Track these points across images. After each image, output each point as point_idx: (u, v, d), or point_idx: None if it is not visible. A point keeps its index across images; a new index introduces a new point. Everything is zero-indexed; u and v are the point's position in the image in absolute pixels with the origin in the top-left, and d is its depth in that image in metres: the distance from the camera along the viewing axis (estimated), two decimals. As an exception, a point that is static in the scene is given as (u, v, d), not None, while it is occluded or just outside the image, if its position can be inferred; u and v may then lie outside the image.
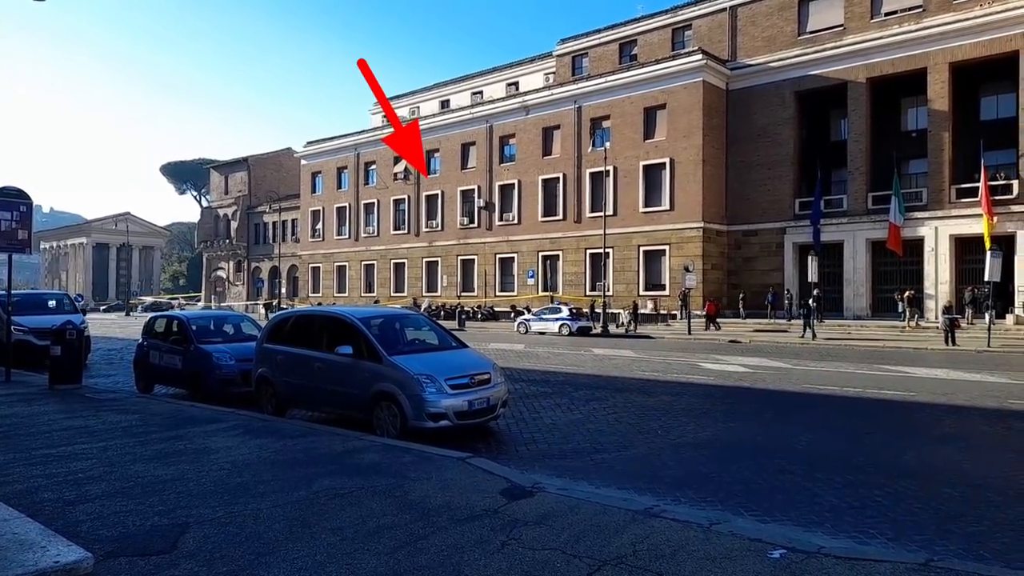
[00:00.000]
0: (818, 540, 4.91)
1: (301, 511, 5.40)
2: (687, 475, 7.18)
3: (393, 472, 6.60)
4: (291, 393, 10.12)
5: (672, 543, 4.67)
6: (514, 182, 42.87)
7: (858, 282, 32.86)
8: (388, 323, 9.92)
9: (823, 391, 13.04)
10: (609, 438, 8.95)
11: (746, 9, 36.78)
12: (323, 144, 55.74)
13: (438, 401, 8.38)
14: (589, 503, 5.60)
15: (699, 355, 20.62)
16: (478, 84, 54.75)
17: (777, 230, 35.39)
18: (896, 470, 7.24)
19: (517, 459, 7.90)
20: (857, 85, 32.94)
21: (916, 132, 33.13)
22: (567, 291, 39.63)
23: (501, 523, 5.12)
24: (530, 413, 10.78)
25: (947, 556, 4.74)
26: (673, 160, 35.81)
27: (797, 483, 6.81)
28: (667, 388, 13.56)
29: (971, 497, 6.27)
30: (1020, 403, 11.32)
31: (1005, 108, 30.91)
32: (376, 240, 51.67)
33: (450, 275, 46.45)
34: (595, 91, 38.93)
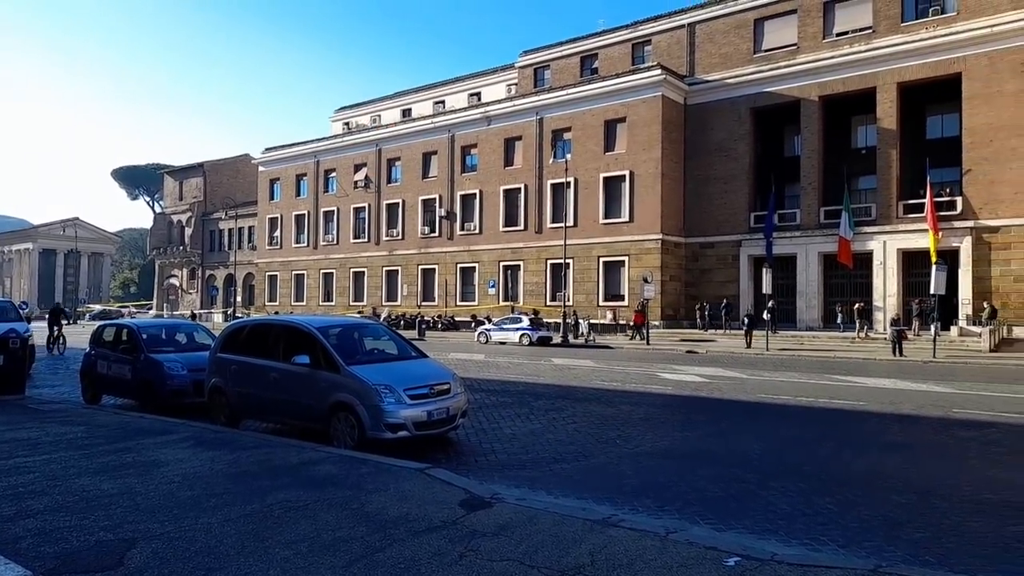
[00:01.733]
0: (772, 547, 4.99)
1: (254, 525, 5.28)
2: (645, 484, 7.23)
3: (350, 484, 6.50)
4: (245, 404, 9.91)
5: (629, 552, 4.70)
6: (476, 192, 42.90)
7: (810, 294, 33.69)
8: (346, 332, 9.80)
9: (777, 401, 13.30)
10: (568, 448, 8.97)
11: (704, 26, 37.59)
12: (282, 151, 55.01)
13: (397, 411, 8.29)
14: (548, 513, 5.60)
15: (657, 365, 20.86)
16: (440, 93, 54.75)
17: (733, 243, 36.11)
18: (846, 478, 7.41)
19: (476, 470, 7.86)
20: (810, 103, 33.90)
21: (866, 149, 34.22)
22: (528, 301, 39.72)
23: (459, 534, 5.08)
24: (490, 423, 10.74)
25: (895, 562, 4.87)
26: (633, 173, 36.30)
27: (752, 491, 6.92)
28: (626, 398, 13.67)
29: (917, 504, 6.45)
30: (963, 412, 11.72)
31: (949, 127, 32.14)
32: (335, 248, 51.10)
33: (410, 284, 46.17)
34: (557, 103, 39.28)
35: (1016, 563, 4.99)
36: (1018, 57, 28.46)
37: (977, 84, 29.41)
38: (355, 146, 49.94)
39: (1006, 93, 28.71)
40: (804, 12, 34.41)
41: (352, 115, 61.01)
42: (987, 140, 29.07)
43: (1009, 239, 28.60)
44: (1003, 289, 28.61)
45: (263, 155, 56.81)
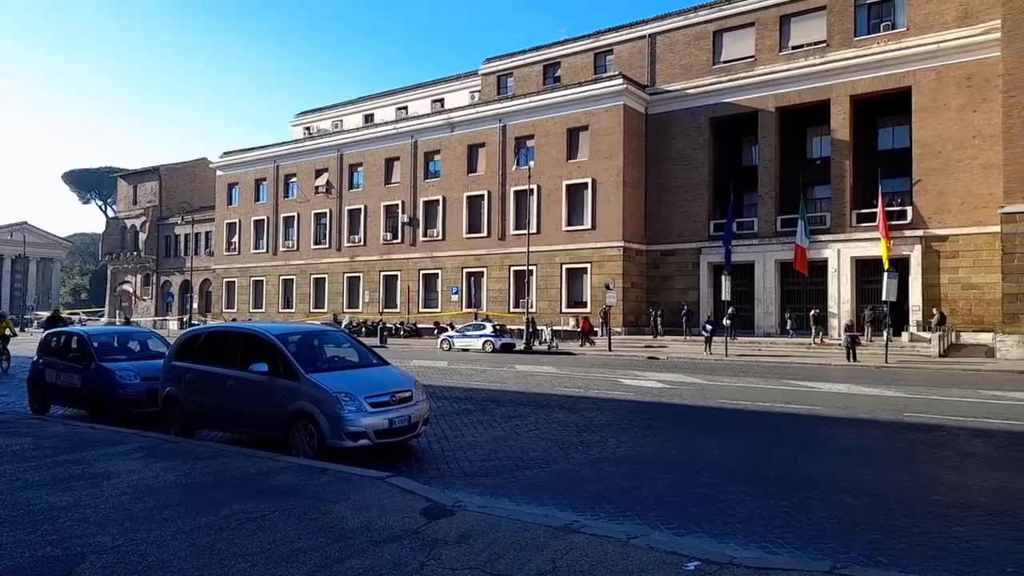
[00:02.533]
0: (730, 551, 5.06)
1: (209, 537, 5.16)
2: (607, 490, 7.27)
3: (309, 493, 6.40)
4: (201, 413, 9.69)
5: (591, 558, 4.71)
6: (439, 198, 42.78)
7: (768, 301, 34.37)
8: (306, 340, 9.67)
9: (736, 406, 13.51)
10: (531, 455, 8.97)
11: (664, 37, 38.18)
12: (241, 155, 54.10)
13: (357, 420, 8.20)
14: (510, 520, 5.59)
15: (619, 371, 21.02)
16: (403, 99, 54.53)
17: (693, 250, 36.65)
18: (803, 481, 7.56)
19: (438, 477, 7.81)
20: (767, 114, 34.66)
21: (820, 159, 35.09)
22: (491, 308, 39.70)
23: (420, 543, 5.03)
24: (452, 431, 10.69)
25: (849, 563, 4.97)
26: (595, 180, 36.61)
27: (711, 495, 7.00)
28: (588, 404, 13.74)
29: (871, 506, 6.60)
30: (914, 416, 12.06)
31: (900, 139, 33.16)
32: (295, 254, 50.40)
33: (372, 291, 45.75)
34: (520, 110, 39.45)
35: (964, 562, 5.14)
36: (963, 72, 29.54)
37: (925, 98, 30.43)
38: (316, 151, 49.41)
39: (952, 107, 29.76)
40: (761, 25, 35.23)
41: (313, 120, 60.35)
42: (935, 152, 30.08)
43: (957, 248, 29.60)
44: (951, 296, 29.57)
45: (221, 159, 55.81)
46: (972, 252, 29.17)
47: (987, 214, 27.94)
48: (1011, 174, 25.07)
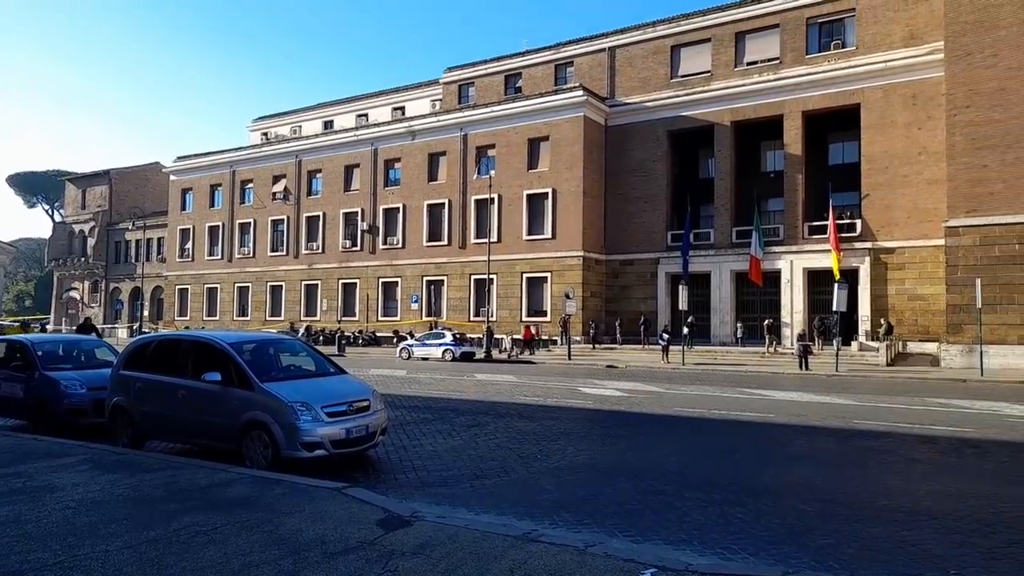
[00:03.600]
0: (686, 558, 5.11)
1: (157, 551, 5.00)
2: (565, 498, 7.28)
3: (263, 505, 6.27)
4: (151, 424, 9.42)
5: (549, 567, 4.71)
6: (399, 206, 42.54)
7: (724, 310, 34.99)
8: (261, 348, 9.49)
9: (692, 414, 13.69)
10: (490, 464, 8.94)
11: (624, 51, 38.76)
12: (195, 160, 53.01)
13: (313, 429, 8.06)
14: (468, 530, 5.55)
15: (578, 380, 21.12)
16: (363, 106, 54.15)
17: (651, 260, 37.13)
18: (756, 488, 7.69)
19: (396, 488, 7.73)
20: (723, 127, 35.41)
21: (774, 173, 35.98)
22: (451, 316, 39.57)
23: (377, 555, 4.97)
24: (411, 440, 10.60)
25: (801, 568, 5.07)
26: (555, 190, 36.87)
27: (668, 503, 7.07)
28: (547, 413, 13.76)
29: (822, 511, 6.75)
30: (863, 423, 12.39)
31: (850, 154, 34.21)
32: (252, 261, 49.49)
33: (330, 299, 45.19)
34: (481, 120, 39.54)
35: (910, 566, 5.28)
36: (909, 91, 30.64)
37: (873, 115, 31.47)
38: (274, 157, 48.72)
39: (898, 124, 30.83)
40: (717, 41, 36.03)
41: (271, 125, 59.51)
42: (883, 167, 31.10)
43: (903, 260, 30.60)
44: (898, 307, 30.53)
45: (175, 164, 54.60)
46: (918, 264, 30.19)
47: (932, 228, 28.95)
48: (954, 189, 26.05)
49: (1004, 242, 24.94)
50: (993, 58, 25.40)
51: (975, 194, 25.52)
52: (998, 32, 25.34)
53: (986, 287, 23.77)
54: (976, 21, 25.80)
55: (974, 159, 25.59)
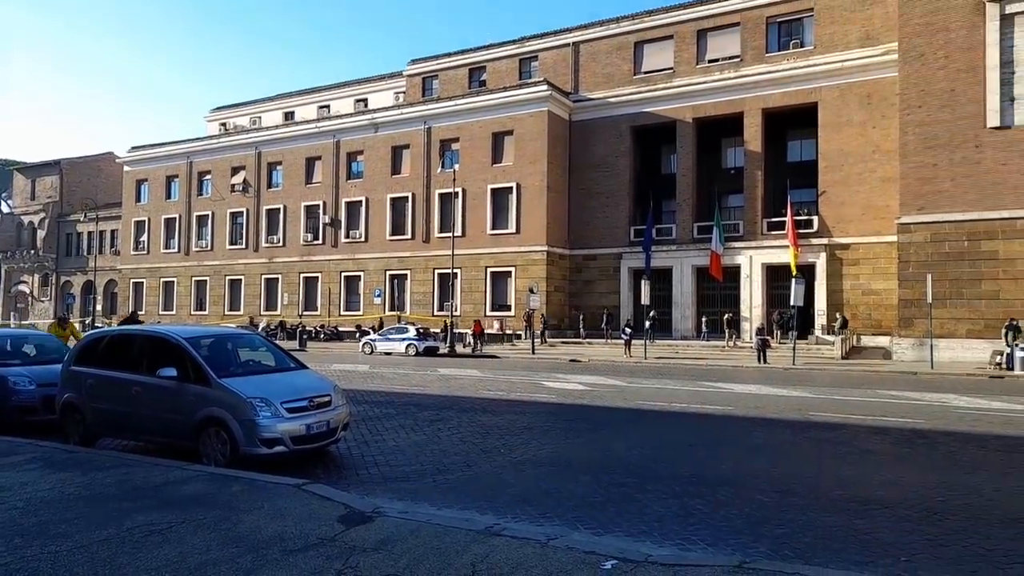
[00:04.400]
0: (646, 549, 5.17)
1: (110, 551, 4.87)
2: (528, 492, 7.30)
3: (220, 503, 6.15)
4: (103, 421, 9.16)
5: (511, 561, 4.71)
6: (361, 199, 42.11)
7: (685, 305, 35.48)
8: (219, 343, 9.29)
9: (654, 407, 13.85)
10: (453, 458, 8.92)
11: (587, 46, 38.91)
12: (151, 150, 51.67)
13: (273, 425, 7.94)
14: (430, 525, 5.53)
15: (542, 374, 21.21)
16: (325, 98, 53.38)
17: (614, 255, 37.45)
18: (715, 479, 7.81)
19: (358, 483, 7.66)
20: (684, 124, 35.83)
21: (734, 169, 36.56)
22: (415, 311, 39.35)
23: (337, 551, 4.91)
24: (373, 435, 10.51)
25: (758, 557, 5.17)
26: (520, 185, 36.90)
27: (629, 495, 7.14)
28: (511, 407, 13.79)
29: (779, 502, 6.89)
30: (819, 415, 12.69)
31: (808, 152, 34.94)
32: (210, 255, 48.51)
33: (291, 293, 44.56)
34: (445, 113, 39.33)
35: (863, 553, 5.43)
36: (864, 90, 31.40)
37: (830, 113, 32.18)
38: (233, 148, 47.77)
39: (854, 123, 31.58)
40: (680, 38, 36.41)
41: (229, 115, 58.31)
42: (839, 165, 31.84)
43: (858, 255, 31.39)
44: (853, 301, 31.33)
45: (129, 154, 53.14)
46: (871, 260, 31.00)
47: (885, 224, 29.74)
48: (906, 187, 26.79)
49: (953, 239, 25.76)
50: (944, 59, 26.16)
51: (925, 192, 26.28)
52: (949, 34, 26.09)
53: (936, 282, 24.52)
54: (928, 23, 26.53)
55: (925, 158, 26.35)
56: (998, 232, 25.02)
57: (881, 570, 5.02)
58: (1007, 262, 24.82)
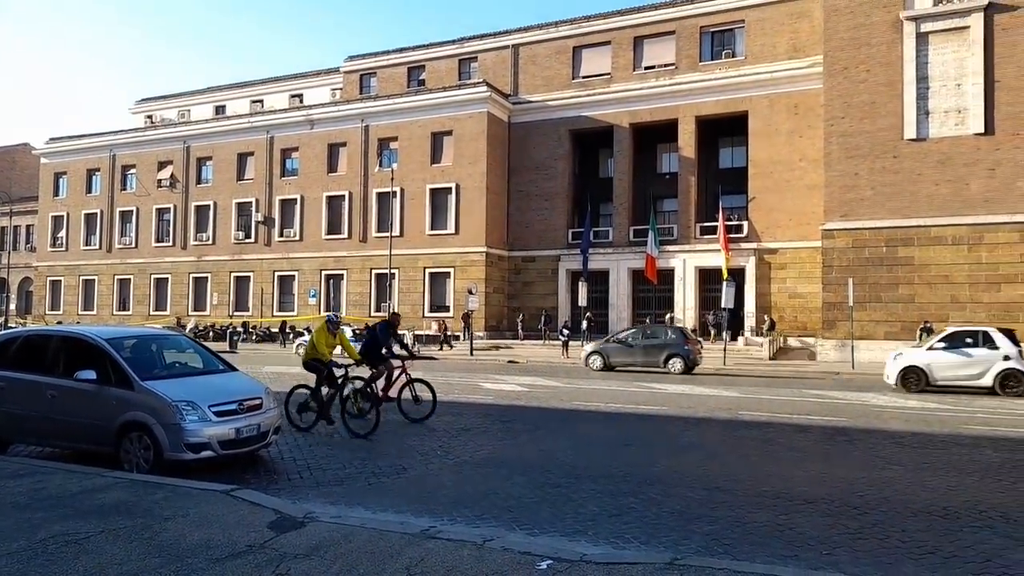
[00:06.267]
0: (581, 548, 5.22)
1: (20, 565, 4.61)
2: (464, 494, 7.27)
3: (142, 511, 5.89)
4: (15, 426, 8.66)
5: (446, 563, 4.68)
6: (296, 197, 41.20)
7: (621, 306, 36.08)
8: (143, 344, 8.93)
9: (589, 407, 14.02)
10: (388, 461, 8.81)
11: (527, 49, 39.14)
12: (70, 142, 49.23)
13: (200, 430, 7.66)
14: (364, 530, 5.44)
15: (480, 375, 21.19)
16: (258, 92, 51.99)
17: (553, 257, 37.77)
18: (648, 478, 7.96)
19: (290, 488, 7.48)
20: (621, 129, 36.45)
21: (669, 175, 37.41)
22: (351, 311, 38.72)
23: (267, 558, 4.78)
24: (306, 439, 10.29)
25: (689, 554, 5.28)
26: (459, 185, 36.80)
27: (565, 495, 7.20)
28: (448, 408, 13.69)
29: (709, 499, 7.07)
30: (747, 414, 13.09)
31: (739, 159, 36.05)
32: (134, 252, 46.55)
33: (222, 293, 43.20)
34: (383, 111, 38.88)
35: (788, 548, 5.62)
36: (791, 101, 32.62)
37: (760, 122, 33.30)
38: (160, 141, 46.00)
39: (782, 132, 32.77)
40: (617, 45, 37.03)
41: (156, 108, 56.16)
42: (768, 172, 32.98)
43: (785, 260, 32.58)
44: (780, 304, 32.49)
45: (47, 145, 50.47)
46: (798, 264, 32.22)
47: (810, 230, 30.94)
48: (830, 195, 27.95)
49: (873, 245, 27.02)
50: (866, 73, 27.42)
51: (848, 200, 27.48)
52: (870, 49, 27.37)
53: (857, 286, 25.66)
54: (852, 38, 27.76)
55: (847, 167, 27.55)
56: (914, 239, 26.37)
57: (805, 563, 5.21)
58: (922, 267, 26.19)
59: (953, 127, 26.09)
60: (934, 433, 11.18)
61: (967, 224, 25.60)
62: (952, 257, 25.77)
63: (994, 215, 25.25)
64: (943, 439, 10.62)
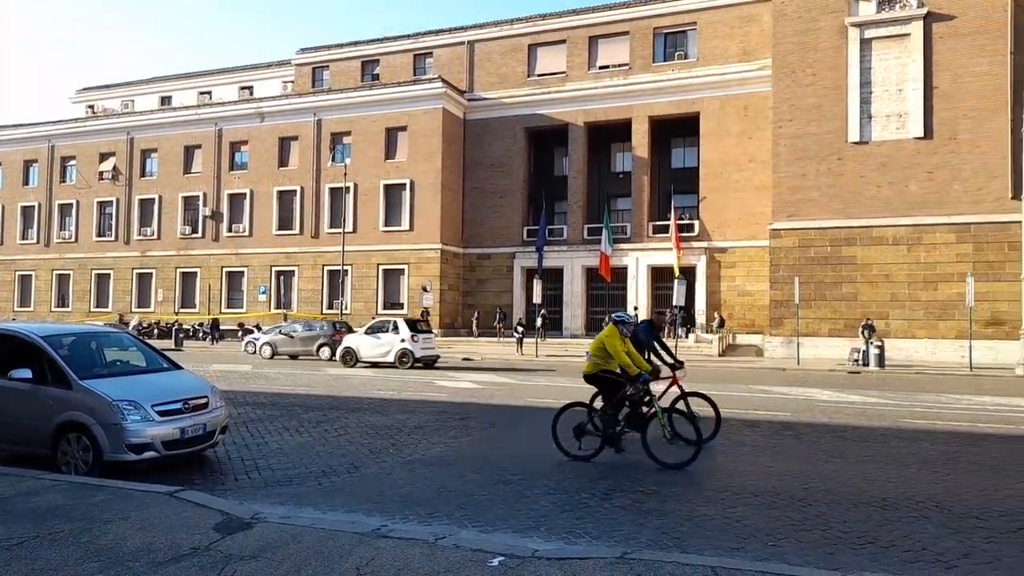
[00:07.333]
0: (533, 544, 5.23)
1: (-55, 573, 4.38)
2: (417, 492, 7.22)
3: (80, 515, 5.68)
4: (-57, 428, 8.24)
5: (397, 562, 4.63)
6: (246, 191, 40.30)
7: (575, 304, 36.36)
8: (82, 342, 8.59)
9: (543, 404, 14.06)
10: (340, 460, 8.68)
11: (483, 46, 39.06)
12: (6, 131, 47.15)
13: (142, 430, 7.42)
14: (313, 530, 5.34)
15: (434, 373, 21.07)
16: (206, 84, 50.70)
17: (508, 255, 37.82)
18: (601, 473, 8.02)
19: (237, 489, 7.30)
20: (576, 128, 36.70)
21: (623, 174, 37.84)
22: (303, 308, 38.10)
23: (211, 561, 4.65)
24: (255, 438, 10.07)
25: (639, 548, 5.34)
26: (413, 182, 36.52)
27: (518, 492, 7.21)
28: (401, 406, 13.61)
29: (659, 494, 7.16)
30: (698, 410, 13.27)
31: (691, 159, 36.68)
32: (74, 247, 44.88)
33: (167, 289, 42.00)
34: (336, 105, 38.33)
35: (735, 540, 5.73)
36: (742, 103, 33.32)
37: (711, 123, 33.93)
38: (102, 132, 44.44)
39: (732, 133, 33.46)
40: (572, 44, 37.24)
41: (99, 97, 54.28)
42: (718, 172, 33.63)
43: (734, 259, 33.29)
44: (729, 302, 33.19)
45: (-20, 134, 48.28)
46: (746, 263, 32.96)
47: (759, 230, 31.69)
48: (777, 196, 28.67)
49: (818, 244, 27.81)
50: (813, 77, 28.18)
51: (795, 200, 28.22)
52: (817, 54, 28.14)
53: (803, 285, 26.39)
54: (800, 43, 28.49)
55: (795, 168, 28.29)
56: (857, 239, 27.24)
57: (750, 554, 5.32)
58: (864, 267, 27.07)
59: (895, 131, 27.03)
60: (874, 427, 11.56)
61: (907, 225, 26.57)
62: (893, 257, 26.71)
63: (932, 216, 26.27)
64: (883, 432, 10.99)
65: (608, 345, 8.64)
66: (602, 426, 8.75)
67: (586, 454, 8.64)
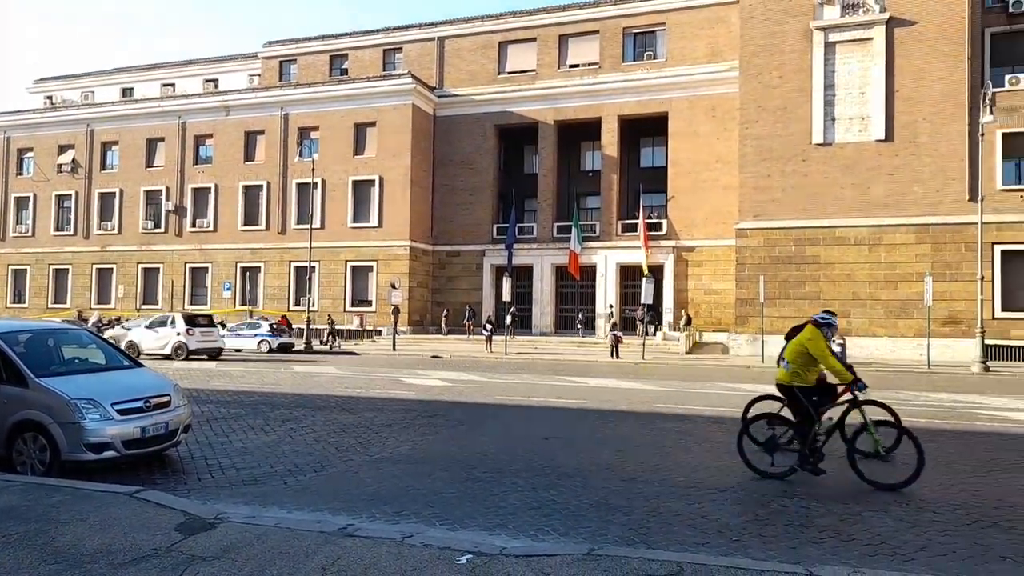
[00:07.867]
0: (501, 542, 5.23)
1: None
2: (384, 490, 7.17)
3: (37, 516, 5.53)
4: None
5: (364, 561, 4.60)
6: (210, 186, 39.60)
7: (544, 302, 36.46)
8: (38, 339, 8.37)
9: (512, 402, 14.10)
10: (306, 459, 8.59)
11: (452, 42, 38.90)
12: (-40, 121, 45.65)
13: (101, 429, 7.25)
14: (278, 529, 5.28)
15: (403, 370, 20.96)
16: (169, 76, 49.64)
17: (477, 252, 37.75)
18: (569, 471, 8.06)
19: (200, 489, 7.18)
20: (546, 126, 36.77)
21: (592, 172, 38.03)
22: (269, 305, 37.58)
23: (173, 562, 4.57)
24: (218, 437, 9.91)
25: (606, 544, 5.38)
26: (382, 178, 36.24)
27: (486, 489, 7.21)
28: (369, 404, 13.51)
29: (627, 490, 7.22)
30: (665, 407, 13.46)
31: (659, 158, 36.98)
32: (30, 241, 43.65)
33: (128, 285, 41.08)
34: (304, 100, 37.85)
35: (700, 535, 5.81)
36: (710, 103, 33.70)
37: (679, 123, 34.25)
38: (60, 124, 43.26)
39: (701, 133, 33.82)
40: (542, 42, 37.29)
41: (57, 88, 52.80)
42: (687, 172, 33.98)
43: (702, 257, 33.68)
44: (696, 300, 33.58)
45: (-68, 124, 46.63)
46: (713, 262, 33.37)
47: (725, 229, 32.10)
48: (744, 195, 29.06)
49: (782, 244, 28.26)
50: (779, 79, 28.61)
51: (760, 200, 28.64)
52: (783, 56, 28.57)
53: (768, 284, 26.80)
54: (766, 44, 28.90)
55: (760, 169, 28.69)
56: (820, 239, 27.75)
57: (716, 549, 5.39)
58: (827, 266, 27.59)
59: (857, 133, 27.57)
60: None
61: (869, 226, 27.14)
62: (855, 256, 27.27)
63: (893, 217, 26.87)
64: (844, 428, 11.22)
65: (813, 349, 7.53)
66: (799, 442, 7.67)
67: (779, 471, 7.68)
